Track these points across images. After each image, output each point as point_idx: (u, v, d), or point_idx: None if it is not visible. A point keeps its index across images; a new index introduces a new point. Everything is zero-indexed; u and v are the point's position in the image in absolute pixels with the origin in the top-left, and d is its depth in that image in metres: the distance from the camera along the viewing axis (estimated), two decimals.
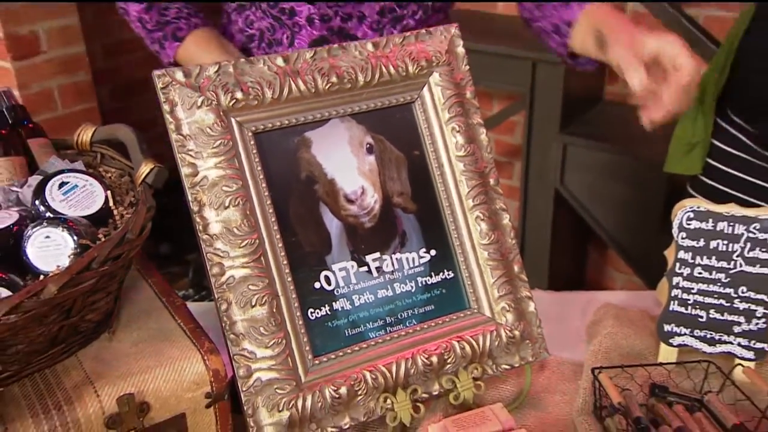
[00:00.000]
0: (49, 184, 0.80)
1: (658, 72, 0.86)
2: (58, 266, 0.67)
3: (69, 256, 0.69)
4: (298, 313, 0.78)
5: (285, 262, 0.78)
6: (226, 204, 0.75)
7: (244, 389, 0.73)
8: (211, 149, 0.75)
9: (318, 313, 0.79)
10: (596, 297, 1.10)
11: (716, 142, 1.25)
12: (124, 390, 0.68)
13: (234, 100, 0.76)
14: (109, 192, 0.81)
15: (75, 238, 0.71)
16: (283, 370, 0.74)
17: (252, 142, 0.78)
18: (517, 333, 0.87)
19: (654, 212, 2.11)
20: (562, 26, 1.04)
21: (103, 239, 0.72)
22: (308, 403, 0.75)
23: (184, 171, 0.75)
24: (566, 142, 2.24)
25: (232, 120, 0.77)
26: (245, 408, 0.74)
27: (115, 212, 0.80)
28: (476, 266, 0.87)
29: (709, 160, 1.26)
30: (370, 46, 0.85)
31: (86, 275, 0.62)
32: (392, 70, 0.85)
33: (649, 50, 0.85)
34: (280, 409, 0.73)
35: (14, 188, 0.82)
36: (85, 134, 0.87)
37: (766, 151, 1.17)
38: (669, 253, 0.94)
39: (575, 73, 1.23)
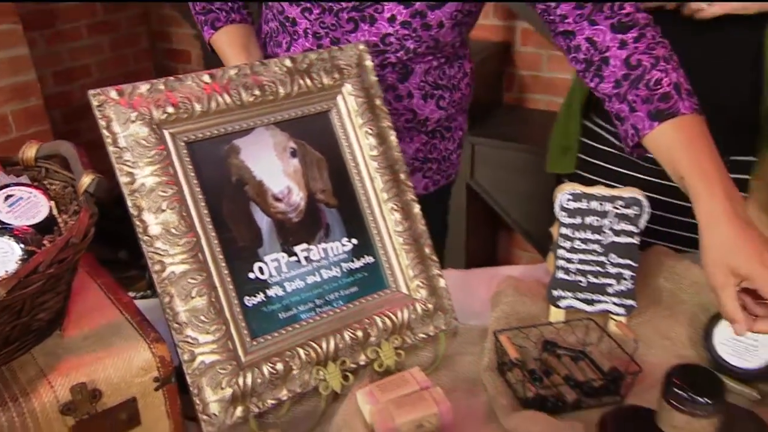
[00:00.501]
0: None
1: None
2: (7, 271, 0.65)
3: (16, 262, 0.68)
4: (236, 301, 0.78)
5: (221, 256, 0.78)
6: (163, 207, 0.74)
7: (189, 372, 0.74)
8: (147, 159, 0.75)
9: (254, 300, 0.80)
10: (499, 272, 1.14)
11: (587, 141, 1.31)
12: (76, 380, 0.67)
13: (166, 114, 0.76)
14: (52, 202, 0.79)
15: (21, 245, 0.70)
16: (224, 352, 0.75)
17: (185, 151, 0.78)
18: (430, 306, 0.90)
19: (549, 200, 2.19)
20: (632, 132, 0.90)
21: (48, 245, 0.71)
22: (248, 380, 0.76)
23: (123, 180, 0.74)
24: (474, 142, 2.31)
25: (165, 132, 0.77)
26: (191, 388, 0.74)
27: (60, 220, 0.79)
28: (392, 251, 0.90)
29: (583, 156, 1.32)
30: (288, 62, 0.86)
31: (33, 278, 0.61)
32: (309, 83, 0.86)
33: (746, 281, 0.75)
34: (223, 387, 0.74)
35: None
36: (29, 151, 0.85)
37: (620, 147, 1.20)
38: (554, 230, 0.99)
39: (479, 83, 1.26)
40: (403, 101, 1.11)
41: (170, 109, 0.77)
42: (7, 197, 0.81)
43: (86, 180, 0.76)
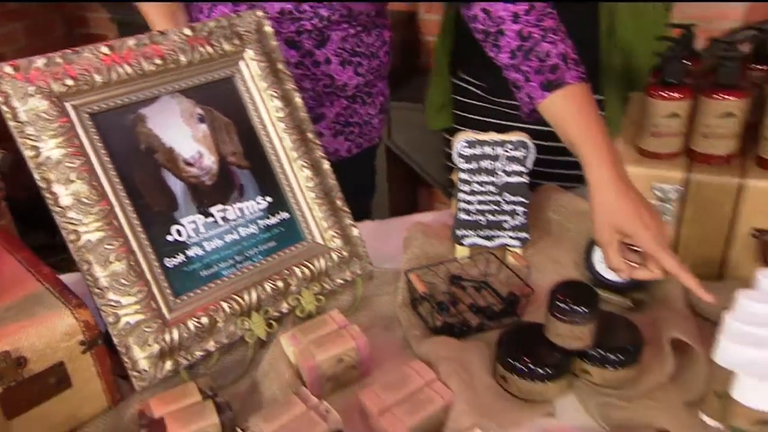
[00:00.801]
0: None
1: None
2: None
3: None
4: (156, 263, 0.77)
5: (137, 221, 0.76)
6: (72, 178, 0.72)
7: (115, 333, 0.72)
8: (50, 132, 0.71)
9: (174, 261, 0.79)
10: (411, 219, 1.16)
11: (458, 98, 1.33)
12: (0, 349, 0.65)
13: (66, 87, 0.73)
14: None
15: None
16: (148, 311, 0.74)
17: (89, 122, 0.75)
18: (345, 254, 0.91)
19: None
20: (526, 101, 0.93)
21: None
22: (175, 335, 0.75)
23: (27, 153, 0.71)
24: (389, 106, 2.31)
25: (67, 104, 0.74)
26: (119, 348, 0.73)
27: None
28: (306, 205, 0.90)
29: (457, 112, 1.34)
30: (188, 31, 0.83)
31: None
32: (210, 50, 0.84)
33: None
34: (150, 344, 0.73)
35: None
36: None
37: (498, 98, 1.25)
38: (454, 177, 1.02)
39: (394, 50, 1.26)
40: (320, 67, 1.10)
41: (69, 82, 0.73)
42: None
43: None
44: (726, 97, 0.83)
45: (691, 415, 0.72)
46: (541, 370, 0.74)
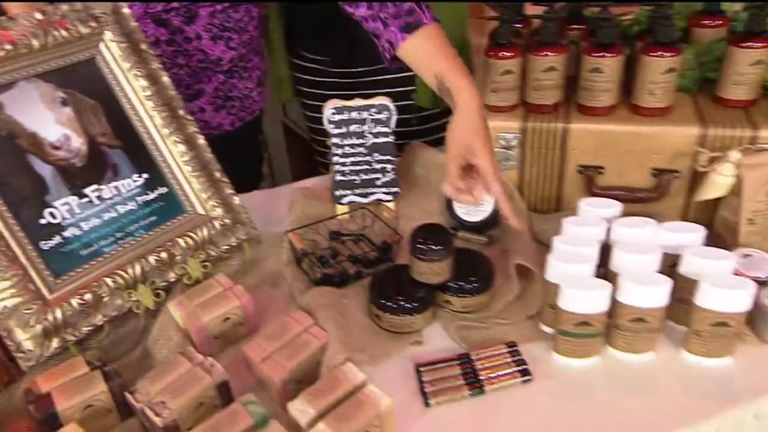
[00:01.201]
0: None
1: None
2: None
3: None
4: (30, 247, 0.72)
5: (4, 208, 0.71)
6: None
7: None
8: None
9: (50, 243, 0.75)
10: (296, 185, 1.16)
11: (302, 75, 1.31)
12: None
13: None
14: None
15: None
16: (26, 294, 0.70)
17: None
18: (227, 221, 0.90)
19: None
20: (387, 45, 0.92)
21: None
22: (58, 314, 0.72)
23: None
24: None
25: None
26: (1, 332, 0.69)
27: None
28: (184, 179, 0.87)
29: (305, 89, 1.33)
30: (39, 15, 0.77)
31: None
32: (65, 33, 0.78)
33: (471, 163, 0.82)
34: (32, 324, 0.70)
35: None
36: None
37: (338, 69, 1.25)
38: (329, 142, 1.02)
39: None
40: (192, 42, 1.06)
41: None
42: None
43: None
44: (548, 53, 0.88)
45: (533, 327, 0.78)
46: (408, 305, 0.78)
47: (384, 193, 1.03)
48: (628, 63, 0.92)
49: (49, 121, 0.77)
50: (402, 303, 0.77)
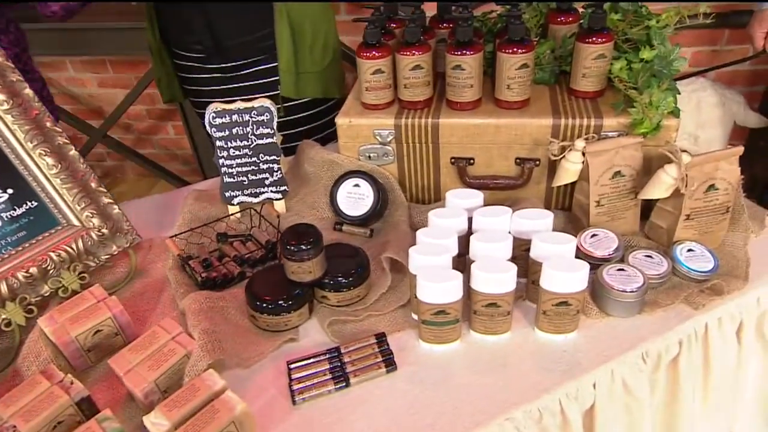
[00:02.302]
0: None
1: None
2: None
3: None
4: None
5: None
6: None
7: None
8: None
9: None
10: (192, 187, 1.12)
11: (184, 75, 1.27)
12: None
13: None
14: None
15: None
16: None
17: None
18: (106, 231, 0.85)
19: None
20: None
21: None
22: None
23: None
24: None
25: None
26: None
27: None
28: (54, 192, 0.82)
29: (189, 87, 1.29)
30: None
31: None
32: None
33: None
34: None
35: None
36: None
37: (216, 64, 1.21)
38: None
39: None
40: None
41: None
42: None
43: None
44: (413, 52, 0.87)
45: (404, 316, 0.78)
46: (283, 303, 0.76)
47: (273, 191, 1.00)
48: (492, 59, 0.92)
49: None
50: (276, 302, 0.76)
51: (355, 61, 0.91)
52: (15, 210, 0.79)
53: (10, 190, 0.79)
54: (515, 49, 0.84)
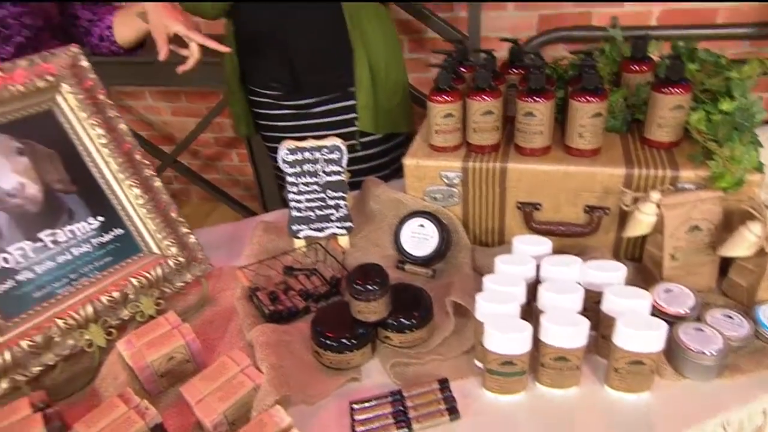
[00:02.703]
0: None
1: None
2: None
3: None
4: None
5: None
6: None
7: None
8: None
9: (3, 287, 0.73)
10: (259, 218, 1.15)
11: (258, 110, 1.33)
12: None
13: None
14: None
15: None
16: None
17: None
18: (182, 260, 0.88)
19: None
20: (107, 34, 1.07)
21: None
22: (7, 356, 0.70)
23: None
24: None
25: None
26: None
27: None
28: (139, 221, 0.86)
29: (262, 122, 1.34)
30: None
31: None
32: (21, 88, 0.77)
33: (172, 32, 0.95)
34: None
35: None
36: None
37: (292, 101, 1.27)
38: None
39: None
40: None
41: None
42: None
43: None
44: (484, 98, 0.87)
45: (468, 362, 0.76)
46: (347, 342, 0.75)
47: (338, 227, 1.01)
48: (563, 106, 0.90)
49: (5, 171, 0.75)
50: (340, 340, 0.75)
51: (417, 97, 0.92)
52: (103, 236, 0.83)
53: (101, 218, 0.83)
54: (589, 98, 0.82)
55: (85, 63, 0.84)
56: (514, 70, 0.98)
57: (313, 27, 1.20)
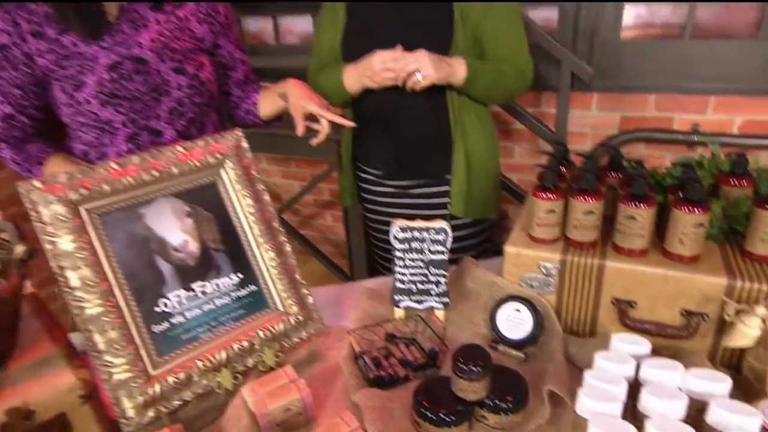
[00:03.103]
0: None
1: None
2: None
3: None
4: (144, 330, 0.80)
5: (131, 297, 0.80)
6: (80, 265, 0.75)
7: (107, 387, 0.74)
8: (65, 229, 0.76)
9: (160, 327, 0.82)
10: (362, 284, 1.21)
11: (363, 185, 1.44)
12: (11, 405, 0.67)
13: (80, 195, 0.77)
14: None
15: None
16: (136, 370, 0.76)
17: (98, 221, 0.79)
18: (301, 318, 0.94)
19: None
20: (252, 109, 1.23)
21: None
22: (157, 388, 0.77)
23: (46, 247, 0.75)
24: None
25: (81, 208, 0.78)
26: (111, 399, 0.75)
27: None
28: (270, 280, 0.94)
29: (365, 195, 1.44)
30: (180, 149, 0.89)
31: None
32: (197, 163, 0.89)
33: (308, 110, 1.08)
34: (136, 396, 0.75)
35: None
36: None
37: (389, 181, 1.37)
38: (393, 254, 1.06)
39: None
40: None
41: (84, 191, 0.78)
42: None
43: (19, 249, 0.77)
44: (587, 199, 0.90)
45: None
46: (446, 418, 0.77)
47: (437, 302, 1.04)
48: (660, 209, 0.91)
49: (175, 229, 0.87)
50: (441, 415, 0.77)
51: (504, 183, 0.96)
52: (240, 291, 0.91)
53: (240, 275, 0.92)
54: (693, 209, 0.83)
55: (245, 144, 0.97)
56: (613, 173, 1.00)
57: (421, 119, 1.30)
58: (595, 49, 1.87)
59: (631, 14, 1.85)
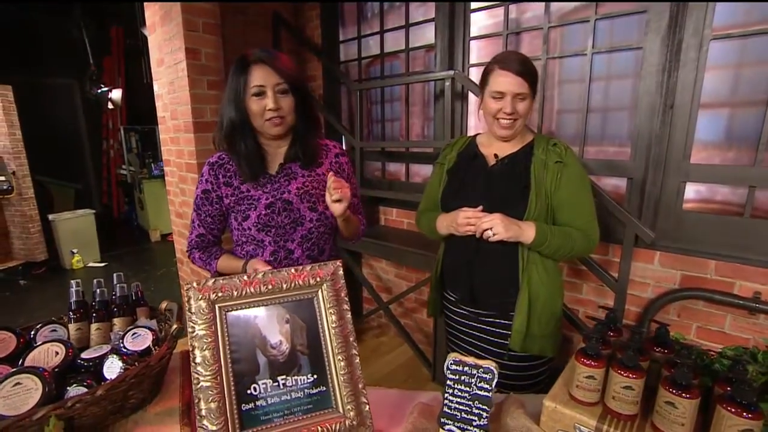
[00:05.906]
0: (128, 334, 0.90)
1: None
2: (110, 378, 0.74)
3: (117, 372, 0.77)
4: (235, 407, 0.83)
5: (232, 379, 0.84)
6: (204, 348, 0.83)
7: None
8: (202, 319, 0.85)
9: (248, 406, 0.84)
10: (416, 395, 1.13)
11: (446, 303, 1.39)
12: None
13: (217, 296, 0.88)
14: (154, 338, 0.90)
15: (122, 363, 0.80)
16: None
17: (225, 317, 0.88)
18: (355, 423, 0.90)
19: None
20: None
21: (137, 365, 0.81)
22: None
23: (189, 328, 0.84)
24: None
25: (216, 306, 0.88)
26: None
27: (155, 350, 0.89)
28: (337, 386, 0.93)
29: (447, 312, 1.40)
30: (292, 270, 0.97)
31: (121, 384, 0.70)
32: (301, 282, 0.97)
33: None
34: None
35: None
36: (162, 306, 0.98)
37: (464, 306, 1.31)
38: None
39: None
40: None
41: (220, 294, 0.88)
42: (134, 334, 0.93)
43: (174, 327, 0.88)
44: (628, 375, 0.76)
45: None
46: None
47: (477, 431, 0.93)
48: (705, 395, 0.73)
49: (275, 331, 0.92)
50: None
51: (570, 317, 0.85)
52: (312, 390, 0.92)
53: (314, 376, 0.93)
54: (740, 411, 0.65)
55: (340, 272, 1.02)
56: (658, 348, 0.85)
57: (493, 264, 1.26)
58: (659, 215, 1.68)
59: (691, 190, 1.65)
